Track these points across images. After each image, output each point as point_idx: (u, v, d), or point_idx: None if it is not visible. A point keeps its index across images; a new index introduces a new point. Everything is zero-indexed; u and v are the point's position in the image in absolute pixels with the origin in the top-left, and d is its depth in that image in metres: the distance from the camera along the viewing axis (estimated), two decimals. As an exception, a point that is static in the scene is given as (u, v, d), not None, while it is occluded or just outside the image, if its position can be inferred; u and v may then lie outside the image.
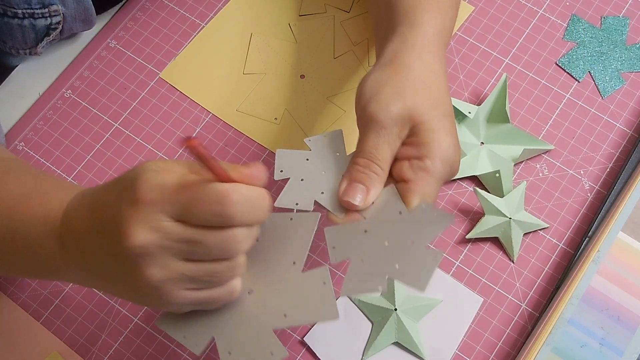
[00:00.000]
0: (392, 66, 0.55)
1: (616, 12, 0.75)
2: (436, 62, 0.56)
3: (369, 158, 0.53)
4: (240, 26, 0.77)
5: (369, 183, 0.53)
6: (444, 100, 0.55)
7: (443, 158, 0.53)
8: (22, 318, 0.65)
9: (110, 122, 0.73)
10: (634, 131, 0.70)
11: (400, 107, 0.53)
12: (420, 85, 0.54)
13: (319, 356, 0.63)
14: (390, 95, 0.54)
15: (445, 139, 0.53)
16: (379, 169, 0.53)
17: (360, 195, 0.53)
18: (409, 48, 0.56)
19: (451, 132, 0.54)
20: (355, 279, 0.51)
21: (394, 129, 0.53)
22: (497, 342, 0.63)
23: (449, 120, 0.55)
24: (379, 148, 0.53)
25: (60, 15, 0.69)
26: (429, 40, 0.57)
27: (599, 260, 0.61)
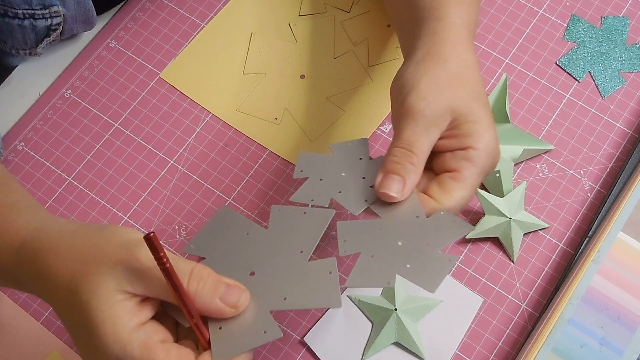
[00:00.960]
0: (428, 60, 0.55)
1: (616, 12, 0.75)
2: (469, 54, 0.56)
3: (405, 148, 0.52)
4: (240, 26, 0.77)
5: (405, 174, 0.52)
6: (481, 91, 0.55)
7: (486, 149, 0.53)
8: (22, 318, 0.65)
9: (110, 122, 0.73)
10: (634, 131, 0.70)
11: (439, 99, 0.52)
12: (458, 78, 0.54)
13: (319, 356, 0.63)
14: (429, 88, 0.53)
15: (487, 130, 0.53)
16: (416, 158, 0.52)
17: (396, 186, 0.52)
18: (441, 41, 0.56)
19: (492, 124, 0.54)
20: (363, 273, 0.51)
21: (433, 120, 0.52)
22: (497, 342, 0.63)
23: (488, 111, 0.54)
24: (417, 138, 0.52)
25: (61, 16, 0.69)
26: (459, 33, 0.57)
27: (599, 260, 0.61)
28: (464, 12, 0.58)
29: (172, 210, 0.69)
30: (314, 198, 0.54)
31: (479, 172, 0.53)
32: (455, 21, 0.57)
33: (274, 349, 0.63)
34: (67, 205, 0.70)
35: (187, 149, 0.72)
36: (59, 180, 0.71)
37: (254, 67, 0.75)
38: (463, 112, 0.53)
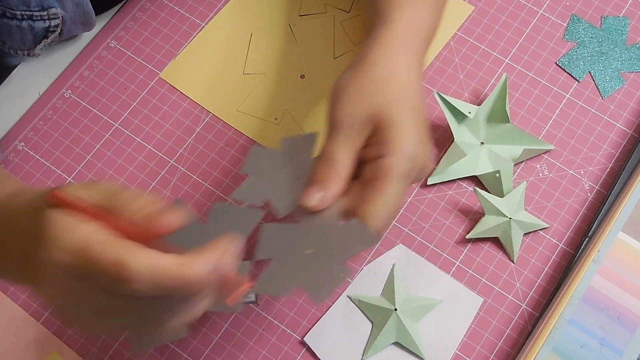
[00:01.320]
0: (357, 66, 0.55)
1: (616, 12, 0.75)
2: (402, 58, 0.55)
3: (326, 158, 0.53)
4: (240, 26, 0.77)
5: (327, 183, 0.53)
6: (408, 95, 0.54)
7: (403, 154, 0.52)
8: (22, 318, 0.65)
9: (110, 122, 0.73)
10: (634, 131, 0.70)
11: (359, 108, 0.53)
12: (383, 82, 0.54)
13: (319, 356, 0.63)
14: (350, 97, 0.53)
15: (406, 134, 0.52)
16: (334, 169, 0.53)
17: (315, 196, 0.52)
18: (375, 46, 0.56)
19: (415, 127, 0.53)
20: (268, 279, 0.52)
21: (352, 130, 0.53)
22: (497, 342, 0.63)
23: (413, 115, 0.53)
24: (335, 148, 0.53)
25: (59, 18, 0.69)
26: (398, 37, 0.56)
27: (599, 260, 0.61)
28: (412, 15, 0.58)
29: (172, 210, 0.69)
30: (251, 197, 0.55)
31: (397, 179, 0.52)
32: (396, 26, 0.57)
33: (274, 349, 0.64)
34: (67, 205, 0.70)
35: (187, 149, 0.72)
36: (59, 181, 0.71)
37: (254, 67, 0.75)
38: (382, 119, 0.52)
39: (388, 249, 0.66)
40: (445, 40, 0.75)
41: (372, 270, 0.66)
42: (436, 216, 0.68)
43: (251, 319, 0.65)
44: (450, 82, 0.73)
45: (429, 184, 0.68)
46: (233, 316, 0.65)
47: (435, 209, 0.68)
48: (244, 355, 0.63)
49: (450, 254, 0.66)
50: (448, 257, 0.66)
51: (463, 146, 0.68)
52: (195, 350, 0.64)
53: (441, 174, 0.68)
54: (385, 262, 0.66)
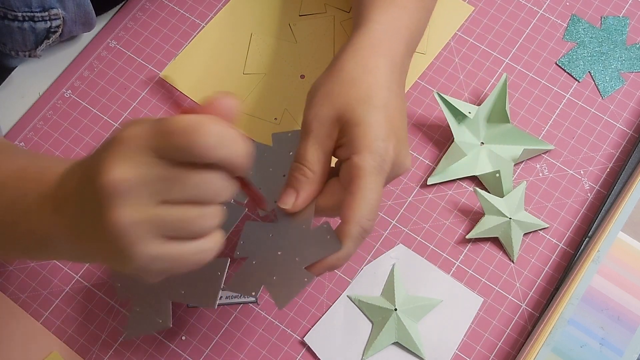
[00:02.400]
0: (329, 69, 0.56)
1: (616, 12, 0.75)
2: (375, 58, 0.55)
3: (299, 162, 0.54)
4: (240, 26, 0.77)
5: (298, 186, 0.53)
6: (375, 93, 0.54)
7: (370, 151, 0.51)
8: (22, 318, 0.65)
9: (110, 122, 0.73)
10: (634, 131, 0.70)
11: (327, 110, 0.53)
12: (349, 83, 0.54)
13: (319, 356, 0.63)
14: (320, 100, 0.54)
15: (371, 131, 0.52)
16: (308, 171, 0.53)
17: (289, 199, 0.53)
18: (348, 49, 0.57)
19: (381, 124, 0.53)
20: (239, 279, 0.54)
21: (321, 130, 0.53)
22: (497, 342, 0.63)
23: (380, 112, 0.53)
24: (307, 151, 0.53)
25: (60, 18, 0.69)
26: (372, 38, 0.56)
27: (599, 260, 0.61)
28: (390, 18, 0.58)
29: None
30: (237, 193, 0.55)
31: (367, 176, 0.51)
32: (373, 27, 0.57)
33: (274, 349, 0.64)
34: (67, 205, 0.70)
35: (187, 149, 0.72)
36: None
37: (254, 67, 0.75)
38: (348, 118, 0.53)
39: (388, 249, 0.66)
40: (445, 40, 0.75)
41: (372, 270, 0.66)
42: (436, 216, 0.68)
43: (251, 319, 0.65)
44: (450, 82, 0.73)
45: (429, 184, 0.68)
46: (233, 316, 0.65)
47: (435, 209, 0.68)
48: (244, 355, 0.63)
49: (450, 254, 0.66)
50: (448, 257, 0.66)
51: (463, 146, 0.68)
52: (195, 350, 0.64)
53: (441, 174, 0.68)
54: (385, 262, 0.66)
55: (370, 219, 0.52)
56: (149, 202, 0.42)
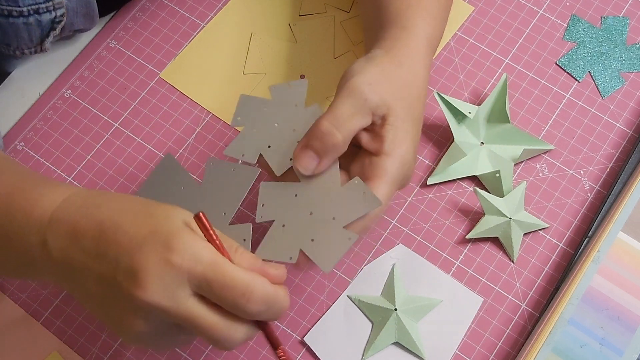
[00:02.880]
0: (386, 56, 0.55)
1: (616, 12, 0.75)
2: (422, 68, 0.57)
3: (335, 125, 0.52)
4: (240, 26, 0.77)
5: (323, 153, 0.52)
6: (417, 106, 0.55)
7: (402, 160, 0.53)
8: (22, 318, 0.65)
9: (110, 122, 0.73)
10: (634, 131, 0.70)
11: (383, 90, 0.53)
12: (404, 84, 0.55)
13: (319, 356, 0.63)
14: (377, 76, 0.53)
15: (406, 142, 0.53)
16: (340, 140, 0.52)
17: (310, 164, 0.52)
18: (402, 47, 0.56)
19: (414, 139, 0.54)
20: (270, 244, 0.51)
21: (370, 105, 0.52)
22: (497, 342, 0.63)
23: (416, 126, 0.55)
24: (348, 118, 0.52)
25: (64, 7, 0.68)
26: (420, 45, 0.57)
27: (599, 260, 0.61)
28: (429, 26, 0.59)
29: (172, 210, 0.69)
30: (244, 153, 0.53)
31: (390, 182, 0.52)
32: (419, 33, 0.57)
33: (274, 349, 0.64)
34: (67, 205, 0.70)
35: (187, 149, 0.72)
36: (59, 181, 0.71)
37: (254, 67, 0.75)
38: (394, 115, 0.53)
39: (388, 249, 0.66)
40: (445, 40, 0.75)
41: (372, 270, 0.66)
42: (436, 216, 0.68)
43: (251, 319, 0.65)
44: (450, 82, 0.73)
45: (429, 184, 0.68)
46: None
47: (435, 209, 0.68)
48: (244, 356, 0.63)
49: (450, 254, 0.66)
50: (448, 257, 0.66)
51: (463, 146, 0.68)
52: (195, 351, 0.64)
53: (441, 174, 0.68)
54: (385, 262, 0.66)
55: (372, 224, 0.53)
56: (168, 326, 0.46)
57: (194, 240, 0.45)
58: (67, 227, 0.48)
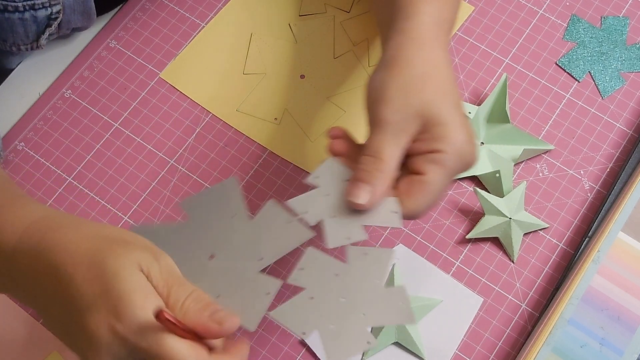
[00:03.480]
0: (394, 63, 0.54)
1: (616, 12, 0.75)
2: (438, 52, 0.55)
3: (373, 155, 0.52)
4: (240, 26, 0.77)
5: (374, 181, 0.52)
6: (450, 90, 0.54)
7: (457, 152, 0.52)
8: (22, 318, 0.65)
9: (110, 122, 0.73)
10: (634, 131, 0.70)
11: (406, 105, 0.52)
12: (424, 79, 0.53)
13: (319, 356, 0.63)
14: (394, 95, 0.53)
15: (459, 132, 0.52)
16: (384, 165, 0.52)
17: (364, 194, 0.52)
18: (408, 42, 0.55)
19: (463, 124, 0.53)
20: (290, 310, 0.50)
21: (400, 127, 0.52)
22: (497, 342, 0.63)
23: (459, 111, 0.53)
24: (384, 145, 0.52)
25: (60, 4, 0.68)
26: (427, 30, 0.56)
27: (599, 260, 0.61)
28: (435, 9, 0.57)
29: (172, 210, 0.69)
30: (307, 212, 0.52)
31: (446, 174, 0.52)
32: (423, 19, 0.56)
33: (274, 349, 0.63)
34: (67, 205, 0.70)
35: (187, 149, 0.72)
36: (59, 180, 0.71)
37: (254, 67, 0.75)
38: (432, 115, 0.52)
39: (388, 249, 0.66)
40: (445, 40, 0.75)
41: (372, 270, 0.66)
42: (436, 216, 0.68)
43: (251, 319, 0.65)
44: (450, 82, 0.73)
45: (429, 184, 0.68)
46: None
47: (435, 209, 0.68)
48: (244, 355, 0.63)
49: (450, 254, 0.66)
50: (448, 257, 0.66)
51: (463, 146, 0.68)
52: (195, 350, 0.64)
53: (441, 174, 0.68)
54: (385, 262, 0.66)
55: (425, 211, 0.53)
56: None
57: (141, 308, 0.44)
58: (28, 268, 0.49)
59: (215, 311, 0.46)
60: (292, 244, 0.51)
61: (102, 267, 0.46)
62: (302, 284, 0.51)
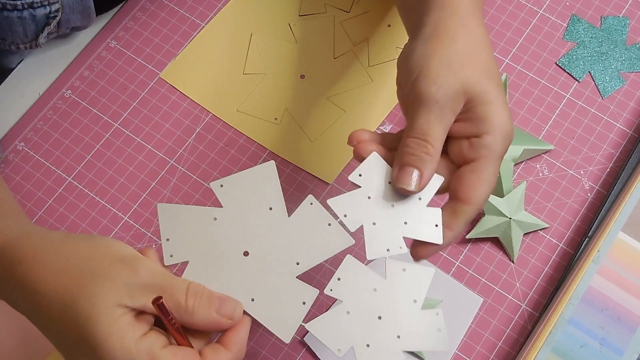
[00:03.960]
0: (436, 38, 0.51)
1: (616, 12, 0.75)
2: (479, 29, 0.53)
3: (420, 138, 0.50)
4: (240, 26, 0.77)
5: (422, 165, 0.50)
6: (493, 69, 0.52)
7: (503, 133, 0.50)
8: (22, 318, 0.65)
9: (110, 122, 0.73)
10: (634, 131, 0.70)
11: (452, 81, 0.49)
12: (469, 56, 0.51)
13: (319, 356, 0.63)
14: (439, 69, 0.50)
15: (502, 112, 0.50)
16: (431, 148, 0.50)
17: (414, 180, 0.49)
18: (449, 16, 0.53)
19: (505, 104, 0.51)
20: (327, 325, 0.48)
21: (447, 104, 0.50)
22: (497, 342, 0.63)
23: (501, 90, 0.51)
24: (431, 126, 0.50)
25: (59, 2, 0.68)
26: (467, 7, 0.53)
27: (599, 260, 0.61)
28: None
29: (172, 210, 0.69)
30: (347, 214, 0.50)
31: (497, 158, 0.50)
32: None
33: (274, 349, 0.63)
34: (67, 205, 0.70)
35: (187, 149, 0.72)
36: (59, 180, 0.71)
37: (254, 67, 0.75)
38: (477, 93, 0.50)
39: (388, 249, 0.66)
40: (445, 40, 0.75)
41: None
42: (436, 216, 0.68)
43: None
44: (450, 82, 0.73)
45: (429, 184, 0.68)
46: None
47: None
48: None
49: (450, 254, 0.66)
50: (448, 257, 0.66)
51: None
52: (195, 350, 0.64)
53: (441, 174, 0.68)
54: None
55: (486, 200, 0.51)
56: None
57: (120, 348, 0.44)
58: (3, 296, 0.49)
59: (220, 305, 0.46)
60: (331, 250, 0.49)
61: (74, 310, 0.45)
62: (339, 296, 0.49)
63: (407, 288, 0.50)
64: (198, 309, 0.46)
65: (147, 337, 0.45)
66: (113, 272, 0.46)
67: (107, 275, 0.45)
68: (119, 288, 0.45)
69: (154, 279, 0.46)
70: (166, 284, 0.46)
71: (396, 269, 0.50)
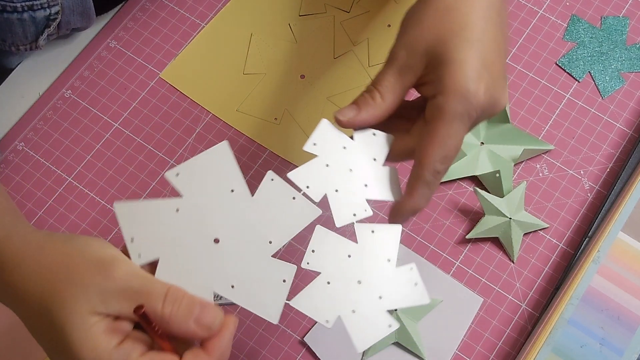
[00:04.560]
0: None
1: (616, 12, 0.75)
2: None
3: (373, 84, 0.51)
4: (240, 26, 0.77)
5: (362, 105, 0.50)
6: (470, 24, 0.48)
7: (458, 94, 0.47)
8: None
9: (110, 122, 0.73)
10: (634, 131, 0.70)
11: (417, 42, 0.48)
12: (443, 12, 0.49)
13: (319, 356, 0.63)
14: (412, 30, 0.49)
15: (461, 71, 0.47)
16: (377, 95, 0.50)
17: (349, 112, 0.50)
18: None
19: (473, 61, 0.47)
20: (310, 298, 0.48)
21: (405, 64, 0.49)
22: (497, 342, 0.63)
23: (473, 46, 0.47)
24: (385, 77, 0.50)
25: (59, 5, 0.68)
26: None
27: (599, 260, 0.61)
28: None
29: (172, 210, 0.69)
30: (309, 186, 0.49)
31: (452, 119, 0.47)
32: None
33: (274, 349, 0.63)
34: (67, 205, 0.70)
35: (187, 149, 0.72)
36: (59, 180, 0.71)
37: (254, 67, 0.75)
38: (438, 53, 0.48)
39: (388, 249, 0.66)
40: (445, 40, 0.75)
41: (372, 270, 0.66)
42: (436, 216, 0.68)
43: (251, 319, 0.65)
44: (450, 82, 0.73)
45: (429, 184, 0.68)
46: (233, 316, 0.65)
47: (435, 209, 0.68)
48: (244, 356, 0.63)
49: (450, 254, 0.66)
50: (448, 257, 0.66)
51: (463, 146, 0.68)
52: (195, 350, 0.64)
53: (441, 174, 0.68)
54: (385, 262, 0.66)
55: (443, 163, 0.48)
56: None
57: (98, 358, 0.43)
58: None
59: (200, 314, 0.45)
60: (300, 223, 0.48)
61: (49, 317, 0.44)
62: (317, 268, 0.49)
63: (379, 248, 0.50)
64: (176, 317, 0.44)
65: (122, 346, 0.44)
66: (87, 278, 0.44)
67: (81, 281, 0.44)
68: (92, 295, 0.44)
69: (130, 283, 0.44)
70: (143, 289, 0.44)
71: (365, 231, 0.50)
